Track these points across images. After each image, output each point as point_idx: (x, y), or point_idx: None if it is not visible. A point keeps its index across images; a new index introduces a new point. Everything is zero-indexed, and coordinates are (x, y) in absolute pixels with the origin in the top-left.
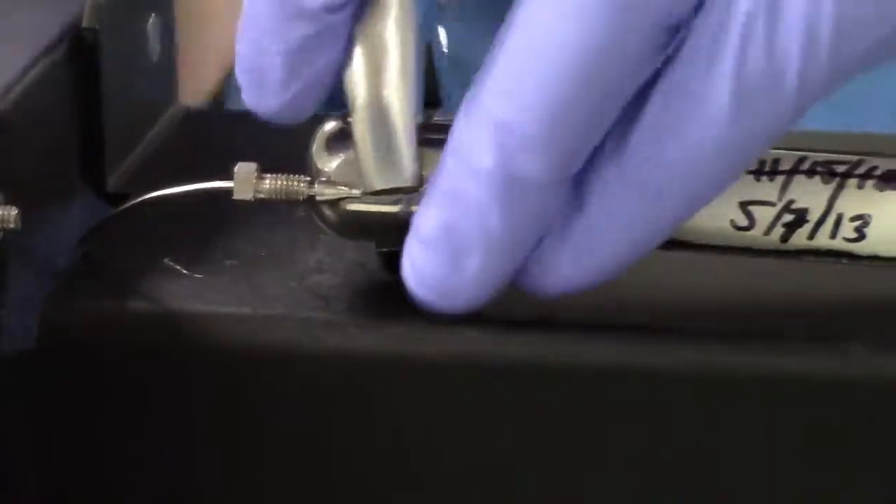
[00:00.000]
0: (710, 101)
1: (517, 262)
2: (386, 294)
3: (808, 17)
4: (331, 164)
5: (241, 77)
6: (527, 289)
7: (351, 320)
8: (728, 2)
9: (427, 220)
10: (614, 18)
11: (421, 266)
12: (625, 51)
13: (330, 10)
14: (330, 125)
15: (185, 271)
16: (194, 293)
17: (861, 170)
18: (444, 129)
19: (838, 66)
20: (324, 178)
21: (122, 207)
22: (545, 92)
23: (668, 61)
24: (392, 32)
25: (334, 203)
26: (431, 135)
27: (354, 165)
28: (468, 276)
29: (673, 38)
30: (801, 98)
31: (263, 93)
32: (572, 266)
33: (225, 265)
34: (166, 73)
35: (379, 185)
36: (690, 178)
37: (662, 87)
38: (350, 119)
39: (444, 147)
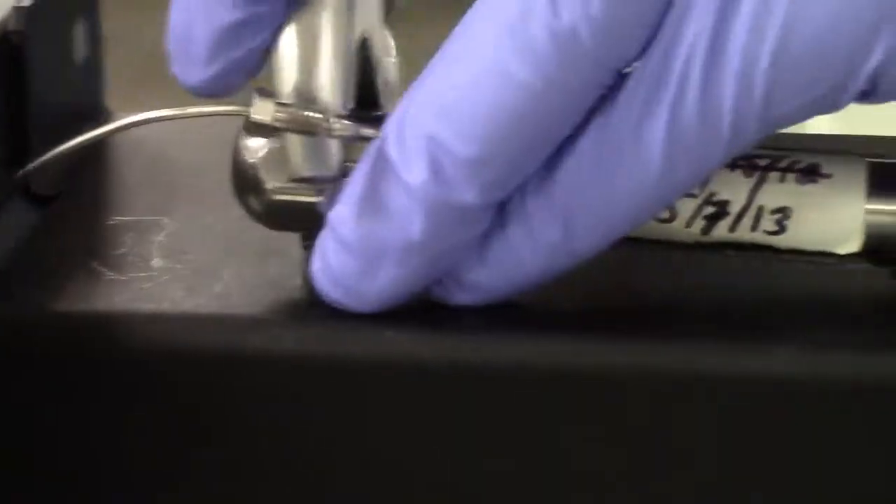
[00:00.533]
0: (642, 145)
1: (433, 275)
2: (309, 293)
3: (744, 73)
4: (257, 151)
5: (170, 46)
6: (438, 297)
7: (275, 320)
8: (667, 51)
9: (346, 222)
10: (563, 57)
11: (334, 265)
12: (569, 89)
13: (252, 1)
14: (257, 112)
15: (110, 273)
16: (121, 295)
17: (783, 164)
18: (371, 120)
19: (769, 122)
20: (340, 114)
21: (114, 125)
22: (487, 119)
23: (606, 101)
24: (327, 20)
25: (260, 193)
26: (359, 125)
27: (282, 153)
28: (381, 282)
29: (616, 78)
30: (731, 148)
31: (188, 67)
32: (487, 282)
33: (151, 266)
34: (93, 76)
35: (304, 172)
36: (614, 214)
37: (598, 126)
38: (279, 103)
39: (370, 148)
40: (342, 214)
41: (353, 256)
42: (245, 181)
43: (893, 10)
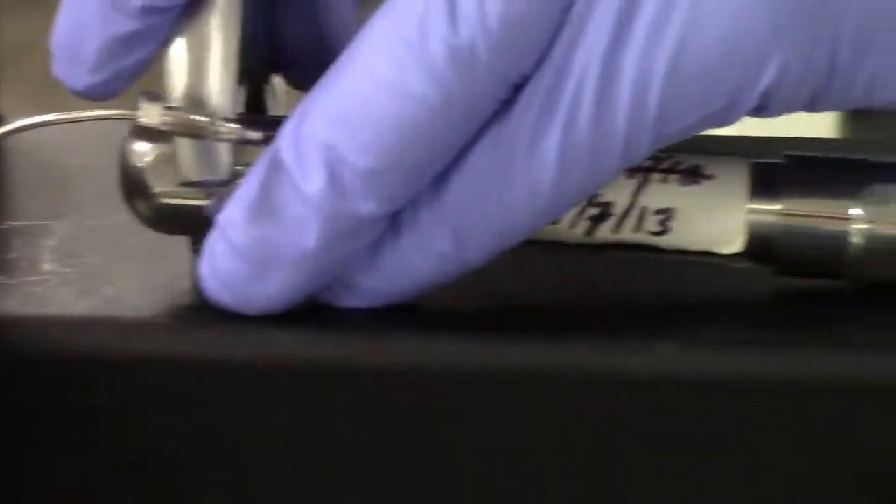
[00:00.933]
0: (535, 160)
1: (323, 281)
2: (197, 296)
3: (637, 90)
4: (145, 155)
5: (55, 49)
6: (325, 300)
7: (165, 323)
8: (561, 66)
9: (237, 226)
10: (461, 72)
11: (223, 268)
12: (466, 103)
13: (149, 12)
14: (144, 116)
15: (0, 277)
16: (11, 299)
17: (665, 165)
18: (259, 123)
19: (663, 136)
20: (227, 117)
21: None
22: (385, 131)
23: (500, 114)
24: (215, 26)
25: (148, 197)
26: (246, 128)
27: (170, 157)
28: (271, 287)
29: (512, 92)
30: (625, 160)
31: (73, 70)
32: (378, 288)
33: (41, 270)
34: None
35: (193, 176)
36: (505, 226)
37: (490, 139)
38: (166, 107)
39: (264, 153)
40: (233, 218)
41: (243, 260)
42: (133, 185)
43: (785, 28)
